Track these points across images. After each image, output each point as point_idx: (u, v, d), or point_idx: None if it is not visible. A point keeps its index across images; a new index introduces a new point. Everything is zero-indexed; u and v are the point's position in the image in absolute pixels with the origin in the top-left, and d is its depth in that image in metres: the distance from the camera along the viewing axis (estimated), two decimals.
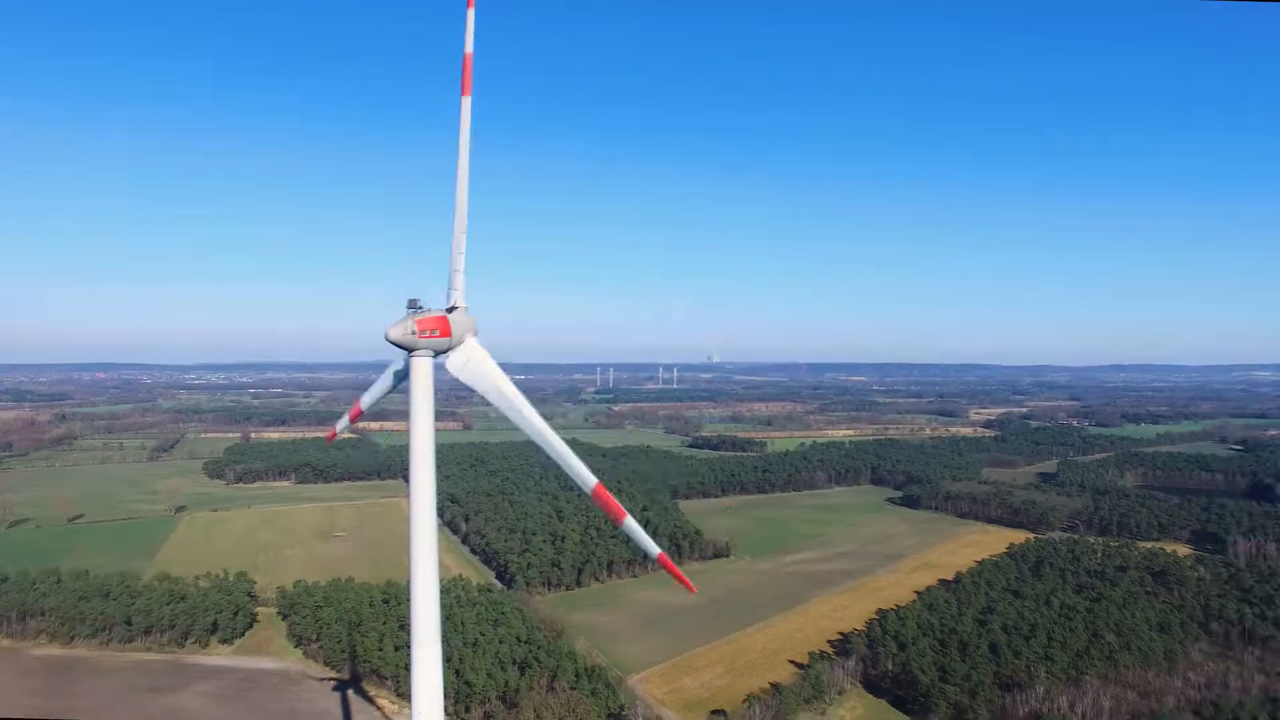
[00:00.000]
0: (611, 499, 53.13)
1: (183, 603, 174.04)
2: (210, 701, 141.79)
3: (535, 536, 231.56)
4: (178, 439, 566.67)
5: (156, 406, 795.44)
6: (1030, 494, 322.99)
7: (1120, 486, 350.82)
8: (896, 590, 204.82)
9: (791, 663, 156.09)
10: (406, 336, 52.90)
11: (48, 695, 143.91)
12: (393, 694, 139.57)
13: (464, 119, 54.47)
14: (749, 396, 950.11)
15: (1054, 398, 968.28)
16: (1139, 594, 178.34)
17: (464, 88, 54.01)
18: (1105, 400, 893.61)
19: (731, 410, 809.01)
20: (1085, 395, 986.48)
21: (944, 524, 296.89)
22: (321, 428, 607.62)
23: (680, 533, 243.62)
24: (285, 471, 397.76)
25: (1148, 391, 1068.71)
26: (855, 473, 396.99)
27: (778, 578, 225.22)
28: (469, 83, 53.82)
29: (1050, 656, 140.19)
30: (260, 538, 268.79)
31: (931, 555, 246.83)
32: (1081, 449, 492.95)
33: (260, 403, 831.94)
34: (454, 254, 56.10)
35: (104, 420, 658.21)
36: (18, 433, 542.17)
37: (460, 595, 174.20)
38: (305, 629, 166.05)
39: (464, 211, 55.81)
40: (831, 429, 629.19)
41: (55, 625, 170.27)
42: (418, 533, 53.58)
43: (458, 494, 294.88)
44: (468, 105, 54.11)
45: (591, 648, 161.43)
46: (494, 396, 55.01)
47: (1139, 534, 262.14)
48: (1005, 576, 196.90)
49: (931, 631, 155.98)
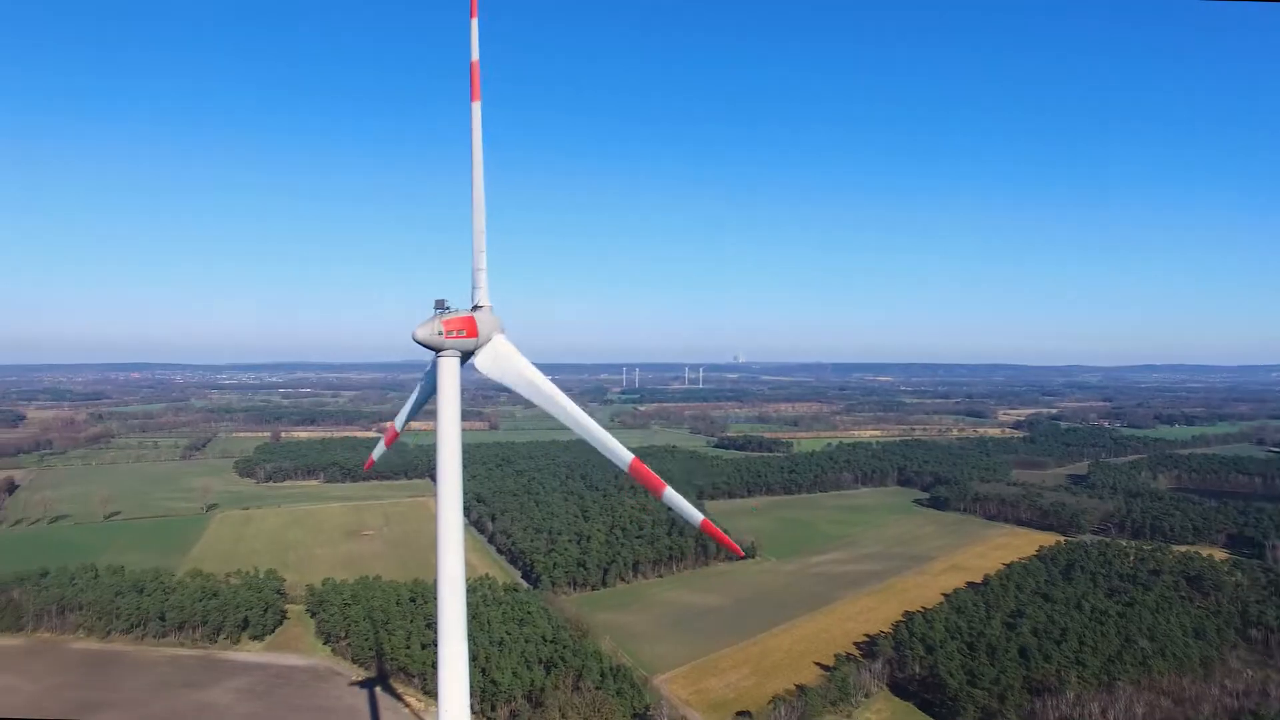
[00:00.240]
0: (649, 472, 53.01)
1: (215, 599, 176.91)
2: (242, 697, 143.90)
3: (561, 536, 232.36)
4: (210, 438, 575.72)
5: (189, 406, 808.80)
6: (1060, 496, 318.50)
7: (1153, 489, 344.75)
8: (924, 592, 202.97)
9: (817, 664, 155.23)
10: (433, 337, 53.26)
11: (86, 688, 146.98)
12: (420, 691, 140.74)
13: (475, 124, 55.32)
14: (775, 397, 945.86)
15: (1085, 398, 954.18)
16: (1173, 599, 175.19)
17: (473, 94, 54.85)
18: (1138, 401, 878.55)
19: (757, 410, 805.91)
20: (1117, 396, 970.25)
21: (972, 526, 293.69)
22: (350, 427, 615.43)
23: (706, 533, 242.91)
24: (314, 470, 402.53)
25: (1182, 392, 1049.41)
26: (882, 474, 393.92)
27: (804, 579, 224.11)
28: (477, 89, 54.76)
29: (1081, 661, 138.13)
30: (289, 536, 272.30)
31: (959, 557, 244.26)
32: (1113, 450, 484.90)
33: (290, 402, 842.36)
34: (475, 253, 56.60)
35: (138, 419, 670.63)
36: (57, 431, 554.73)
37: (486, 594, 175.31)
38: (334, 626, 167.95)
39: (482, 212, 56.38)
40: (858, 429, 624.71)
41: (93, 620, 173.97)
42: (445, 532, 54.00)
43: (484, 493, 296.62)
44: (478, 110, 54.99)
45: (617, 648, 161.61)
46: (525, 388, 55.28)
47: (1173, 538, 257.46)
48: (1035, 579, 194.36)
49: (959, 634, 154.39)
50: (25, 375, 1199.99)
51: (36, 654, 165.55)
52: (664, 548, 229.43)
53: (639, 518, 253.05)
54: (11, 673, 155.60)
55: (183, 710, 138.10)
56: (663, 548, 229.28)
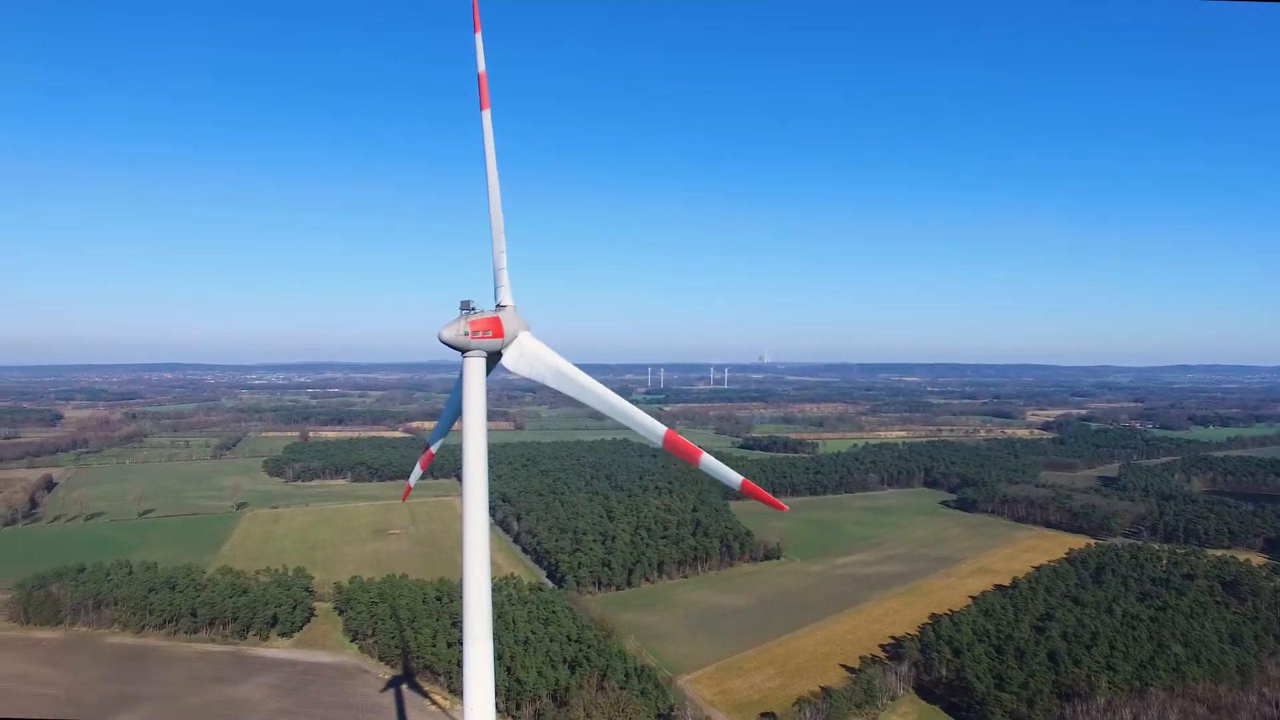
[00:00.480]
0: (684, 441, 52.67)
1: (244, 596, 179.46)
2: (271, 693, 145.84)
3: (586, 536, 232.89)
4: (239, 437, 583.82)
5: (220, 406, 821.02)
6: (1091, 498, 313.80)
7: (1187, 491, 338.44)
8: (951, 594, 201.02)
9: (843, 666, 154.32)
10: (459, 338, 53.52)
11: (120, 682, 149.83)
12: (445, 690, 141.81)
13: (486, 131, 56.20)
14: (800, 397, 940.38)
15: (1115, 399, 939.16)
16: (1208, 604, 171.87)
17: (482, 103, 55.74)
18: (1170, 402, 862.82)
19: (783, 411, 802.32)
20: (1149, 396, 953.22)
21: (1000, 528, 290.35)
22: (377, 427, 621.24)
23: (731, 534, 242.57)
24: (341, 470, 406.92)
25: (1216, 393, 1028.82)
26: (908, 475, 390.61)
27: (829, 580, 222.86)
28: (486, 98, 55.81)
29: (1112, 666, 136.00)
30: (317, 535, 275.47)
31: (987, 559, 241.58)
32: (1145, 452, 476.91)
33: (318, 402, 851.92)
34: (495, 254, 57.02)
35: (170, 419, 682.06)
36: (92, 430, 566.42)
37: (512, 594, 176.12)
38: (361, 624, 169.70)
39: (499, 215, 56.93)
40: (884, 430, 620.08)
41: (127, 614, 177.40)
42: (470, 531, 54.32)
43: (510, 493, 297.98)
44: (488, 118, 56.21)
45: (641, 648, 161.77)
46: (554, 379, 55.36)
47: (1208, 541, 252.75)
48: (1064, 583, 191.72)
49: (987, 637, 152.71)
50: (62, 376, 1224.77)
51: (73, 647, 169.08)
52: (688, 548, 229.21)
53: (664, 518, 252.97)
54: (50, 665, 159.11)
55: (214, 705, 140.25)
56: (687, 548, 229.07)
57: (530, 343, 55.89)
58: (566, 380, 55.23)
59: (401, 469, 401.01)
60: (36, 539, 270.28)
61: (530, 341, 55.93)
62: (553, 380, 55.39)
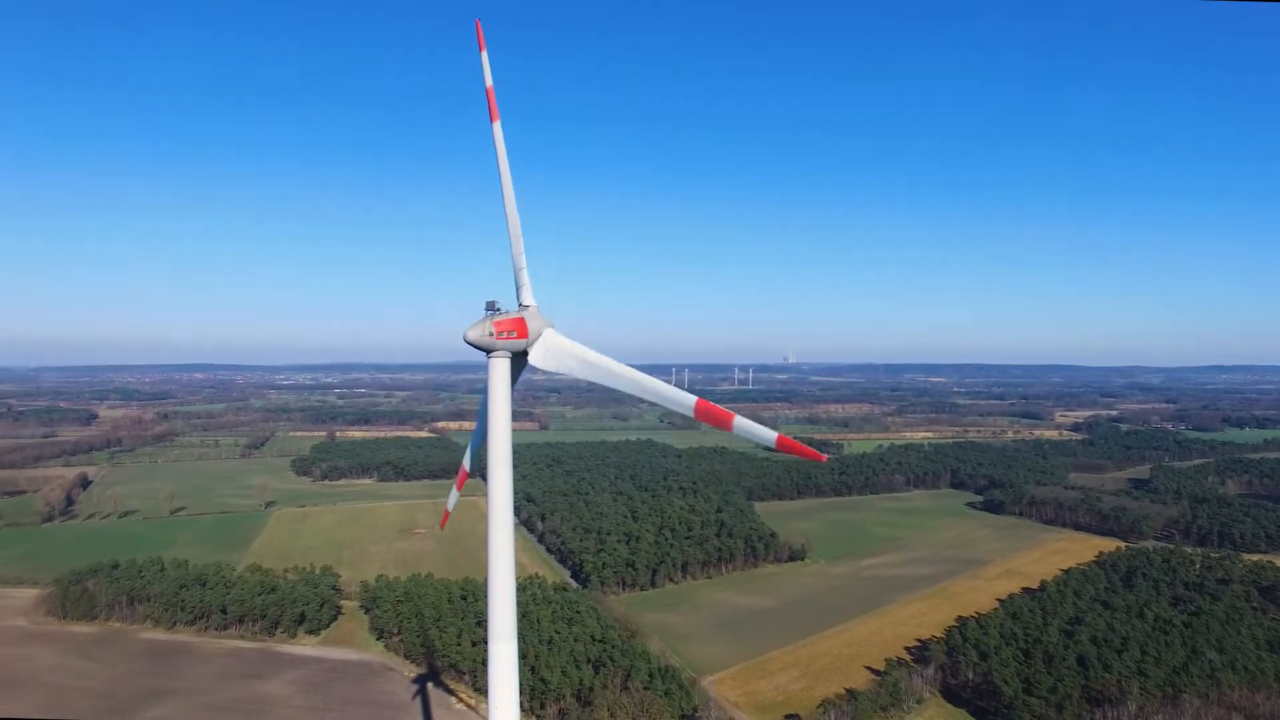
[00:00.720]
0: (715, 407, 52.45)
1: (273, 594, 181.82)
2: (299, 690, 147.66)
3: (610, 536, 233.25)
4: (268, 437, 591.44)
5: (249, 405, 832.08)
6: (1121, 500, 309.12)
7: (1221, 494, 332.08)
8: (977, 597, 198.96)
9: (868, 669, 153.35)
10: (484, 338, 53.93)
11: (153, 676, 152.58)
12: (470, 688, 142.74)
13: (498, 142, 57.34)
14: (825, 398, 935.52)
15: (1147, 400, 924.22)
16: (1244, 609, 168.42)
17: (492, 115, 56.49)
18: (1204, 403, 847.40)
19: (808, 411, 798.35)
20: (1181, 397, 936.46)
21: (1028, 530, 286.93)
22: (403, 427, 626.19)
23: (755, 535, 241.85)
24: (368, 469, 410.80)
25: (1252, 393, 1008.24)
26: (934, 476, 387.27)
27: (854, 581, 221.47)
28: (495, 111, 56.40)
29: (1144, 672, 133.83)
30: (344, 534, 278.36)
31: (1015, 562, 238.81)
32: (1177, 454, 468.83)
33: (345, 402, 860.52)
34: (514, 255, 57.66)
35: (201, 419, 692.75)
36: (126, 429, 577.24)
37: (536, 593, 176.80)
38: (386, 623, 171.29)
39: (516, 221, 57.72)
40: (909, 431, 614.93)
41: (159, 611, 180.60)
42: (495, 531, 54.68)
43: (534, 493, 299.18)
44: (498, 129, 56.99)
45: (665, 648, 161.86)
46: (581, 369, 55.56)
47: (1243, 545, 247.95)
48: (1094, 586, 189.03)
49: (1015, 641, 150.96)
50: (97, 376, 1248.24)
51: (108, 642, 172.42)
52: (713, 549, 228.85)
53: (688, 519, 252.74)
54: (86, 659, 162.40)
55: (244, 701, 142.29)
56: (711, 549, 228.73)
57: (555, 338, 56.25)
58: (593, 368, 55.40)
59: (427, 469, 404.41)
60: (73, 536, 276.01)
61: (555, 337, 56.29)
62: (580, 371, 55.64)
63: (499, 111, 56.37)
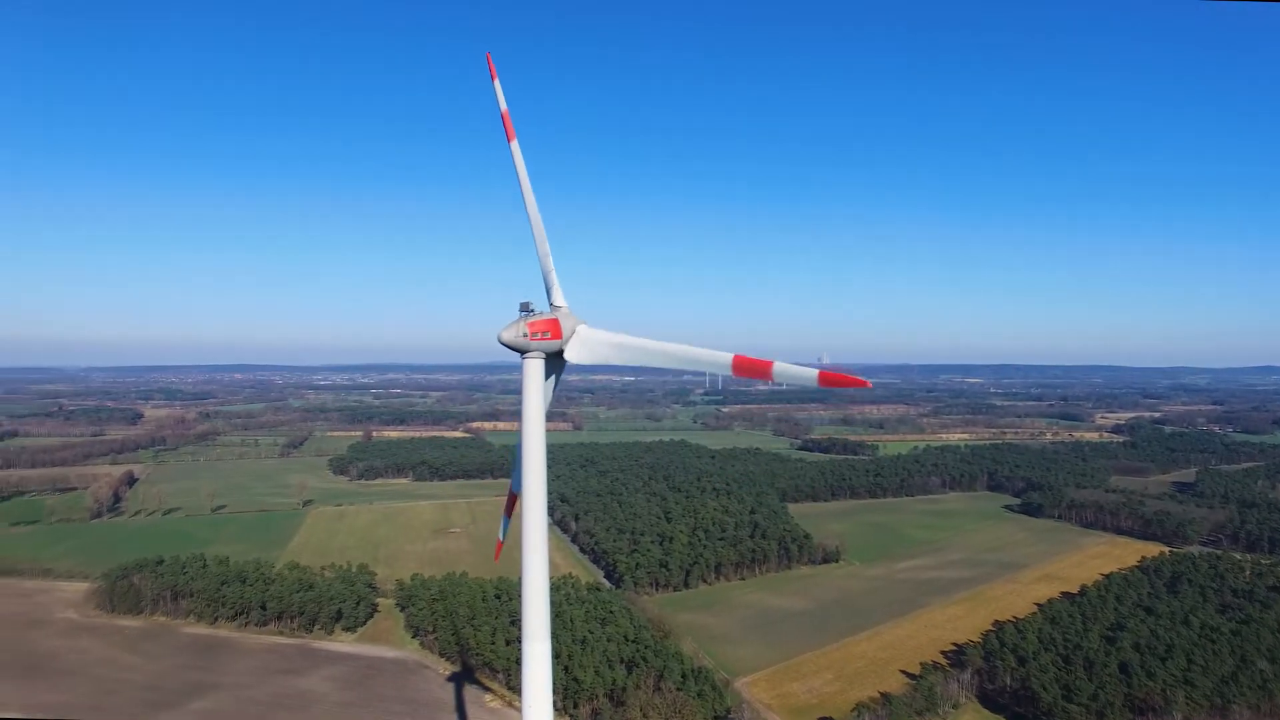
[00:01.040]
0: (752, 360, 52.42)
1: (310, 591, 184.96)
2: (336, 686, 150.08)
3: (644, 537, 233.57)
4: (306, 436, 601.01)
5: (287, 405, 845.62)
6: (1165, 504, 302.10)
7: (1272, 499, 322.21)
8: (1015, 601, 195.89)
9: (903, 672, 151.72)
10: (519, 339, 54.44)
11: (196, 670, 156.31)
12: (504, 687, 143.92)
13: (517, 160, 58.37)
14: (860, 398, 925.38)
15: (1192, 401, 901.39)
16: None
17: (508, 136, 57.99)
18: (1252, 404, 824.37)
19: (842, 412, 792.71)
20: (1228, 399, 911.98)
21: (1067, 534, 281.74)
22: (438, 427, 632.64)
23: (789, 536, 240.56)
24: (403, 469, 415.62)
25: None
26: (971, 478, 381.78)
27: (889, 584, 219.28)
28: (511, 132, 57.49)
29: (1190, 681, 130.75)
30: (380, 532, 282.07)
31: (1054, 566, 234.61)
32: (1224, 457, 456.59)
33: (381, 403, 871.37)
34: (541, 257, 58.46)
35: (241, 418, 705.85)
36: (170, 429, 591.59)
37: (570, 593, 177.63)
38: (422, 621, 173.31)
39: (541, 231, 58.83)
40: (946, 432, 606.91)
41: (201, 606, 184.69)
42: (529, 531, 55.09)
43: (568, 494, 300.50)
44: (516, 148, 58.01)
45: (698, 649, 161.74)
46: (616, 355, 55.87)
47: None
48: (1137, 592, 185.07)
49: (1054, 646, 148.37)
50: (142, 376, 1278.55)
51: (153, 636, 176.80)
52: (746, 550, 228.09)
53: (721, 520, 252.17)
54: (132, 652, 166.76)
55: (283, 696, 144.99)
56: (745, 550, 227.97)
57: (587, 332, 56.72)
58: (628, 350, 55.76)
59: (462, 468, 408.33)
60: (120, 532, 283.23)
61: (587, 331, 56.76)
62: (615, 357, 56.00)
63: (515, 131, 57.67)
